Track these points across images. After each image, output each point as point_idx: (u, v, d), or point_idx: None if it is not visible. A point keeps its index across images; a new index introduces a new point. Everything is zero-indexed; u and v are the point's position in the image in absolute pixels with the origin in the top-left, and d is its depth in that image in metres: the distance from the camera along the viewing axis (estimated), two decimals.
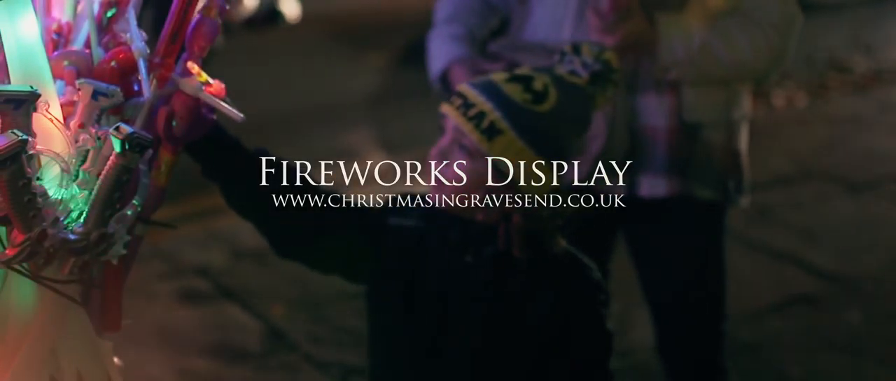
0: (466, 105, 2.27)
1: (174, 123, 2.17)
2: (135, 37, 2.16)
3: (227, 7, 2.22)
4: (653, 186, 3.10)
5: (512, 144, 2.24)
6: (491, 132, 2.24)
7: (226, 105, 2.18)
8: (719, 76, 3.07)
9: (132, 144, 1.94)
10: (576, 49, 2.40)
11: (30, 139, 1.86)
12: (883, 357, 4.27)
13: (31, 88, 1.91)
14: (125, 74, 2.14)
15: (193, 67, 2.18)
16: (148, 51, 2.16)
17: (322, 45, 8.54)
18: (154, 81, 2.17)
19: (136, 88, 2.16)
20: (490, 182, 2.25)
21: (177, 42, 2.20)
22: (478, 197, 2.26)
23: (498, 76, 2.31)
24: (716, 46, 3.00)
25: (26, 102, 1.89)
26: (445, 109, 2.33)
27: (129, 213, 2.06)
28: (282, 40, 8.39)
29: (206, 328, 4.69)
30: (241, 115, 2.17)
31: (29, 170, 1.86)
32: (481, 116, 2.25)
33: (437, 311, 2.34)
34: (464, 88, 2.32)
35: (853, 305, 4.84)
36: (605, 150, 2.99)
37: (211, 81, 2.19)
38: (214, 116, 2.25)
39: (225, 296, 4.94)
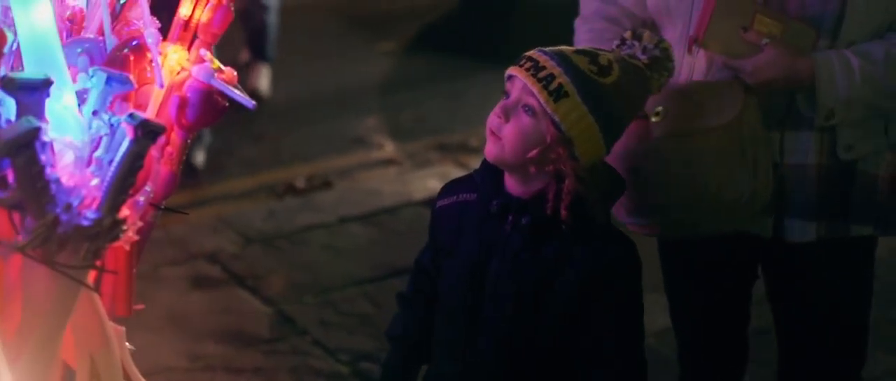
0: (537, 68, 2.42)
1: (186, 110, 2.19)
2: (147, 24, 2.17)
3: None
4: (802, 232, 2.86)
5: (576, 107, 2.40)
6: (558, 94, 2.39)
7: (237, 92, 2.20)
8: (887, 108, 2.81)
9: (145, 131, 1.95)
10: (637, 35, 2.55)
11: (43, 126, 1.87)
12: (892, 345, 4.28)
13: (45, 75, 1.93)
14: (138, 61, 2.16)
15: (206, 55, 2.20)
16: (161, 38, 2.17)
17: (333, 32, 8.55)
18: (166, 69, 2.18)
19: (148, 75, 2.17)
20: (549, 140, 2.40)
21: (189, 29, 2.22)
22: (534, 154, 2.41)
23: (566, 48, 2.48)
24: (881, 76, 2.73)
25: (39, 89, 1.91)
26: (514, 70, 2.46)
27: (141, 199, 2.08)
28: (292, 27, 8.39)
29: (217, 314, 4.71)
30: (253, 102, 2.19)
31: (42, 157, 1.87)
32: (550, 77, 2.40)
33: (475, 277, 2.52)
34: (534, 53, 2.46)
35: None
36: (752, 195, 2.74)
37: (223, 68, 2.21)
38: (226, 103, 2.26)
39: (235, 281, 4.95)
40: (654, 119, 2.77)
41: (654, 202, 2.80)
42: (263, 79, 6.81)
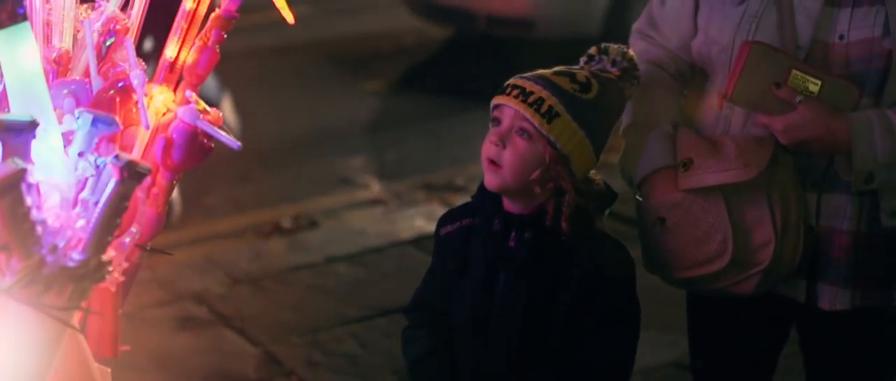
0: (524, 93, 2.53)
1: (172, 151, 2.19)
2: (133, 65, 2.18)
3: (225, 36, 2.24)
4: (834, 299, 2.72)
5: (567, 125, 2.51)
6: (550, 115, 2.50)
7: (223, 133, 2.20)
8: None
9: (130, 172, 1.95)
10: (603, 50, 2.62)
11: (29, 168, 1.87)
12: None
13: (31, 116, 1.93)
14: (124, 102, 2.16)
15: (191, 96, 2.20)
16: (146, 79, 2.18)
17: (319, 71, 8.57)
18: (152, 109, 2.19)
19: (134, 115, 2.18)
20: (548, 160, 2.51)
21: (175, 71, 2.22)
22: (536, 175, 2.52)
23: (544, 72, 2.58)
24: None
25: (26, 130, 1.91)
26: (502, 99, 2.55)
27: (127, 240, 2.08)
28: (279, 66, 8.41)
29: (203, 354, 4.69)
30: (238, 143, 2.19)
31: (28, 198, 1.87)
32: (540, 101, 2.51)
33: (484, 294, 2.61)
34: (517, 80, 2.56)
35: None
36: (776, 258, 2.65)
37: (209, 109, 2.21)
38: (212, 145, 2.27)
39: (222, 322, 4.95)
40: (680, 170, 2.71)
41: (677, 255, 2.73)
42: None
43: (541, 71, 2.59)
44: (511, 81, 2.58)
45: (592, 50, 2.64)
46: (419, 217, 5.90)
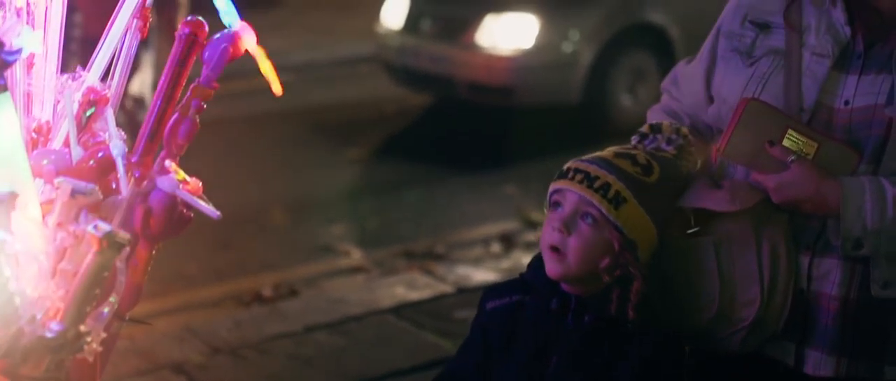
0: (589, 178, 2.48)
1: (151, 221, 2.19)
2: (113, 135, 2.18)
3: (205, 106, 2.24)
4: (818, 365, 2.67)
5: (634, 210, 2.47)
6: (617, 201, 2.46)
7: (203, 203, 2.20)
8: None
9: (110, 243, 1.95)
10: (656, 128, 2.58)
11: (8, 239, 1.86)
12: None
13: (10, 187, 1.93)
14: (103, 172, 2.16)
15: (171, 166, 2.21)
16: (126, 149, 2.18)
17: (300, 139, 8.58)
18: (132, 180, 2.19)
19: (114, 186, 2.18)
20: (617, 247, 2.45)
21: (155, 141, 2.23)
22: (606, 264, 2.46)
23: (605, 155, 2.53)
24: None
25: (5, 201, 1.91)
26: (564, 183, 2.50)
27: (105, 310, 2.07)
28: (260, 134, 8.42)
29: None
30: (218, 212, 2.19)
31: (7, 269, 1.86)
32: (607, 186, 2.46)
33: (533, 375, 2.53)
34: (580, 164, 2.52)
35: None
36: (759, 317, 2.62)
37: (188, 179, 2.21)
38: (191, 214, 2.27)
39: None
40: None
41: (672, 304, 2.68)
42: None
43: (599, 154, 2.53)
44: (571, 164, 2.52)
45: (645, 128, 2.60)
46: (400, 285, 5.89)
